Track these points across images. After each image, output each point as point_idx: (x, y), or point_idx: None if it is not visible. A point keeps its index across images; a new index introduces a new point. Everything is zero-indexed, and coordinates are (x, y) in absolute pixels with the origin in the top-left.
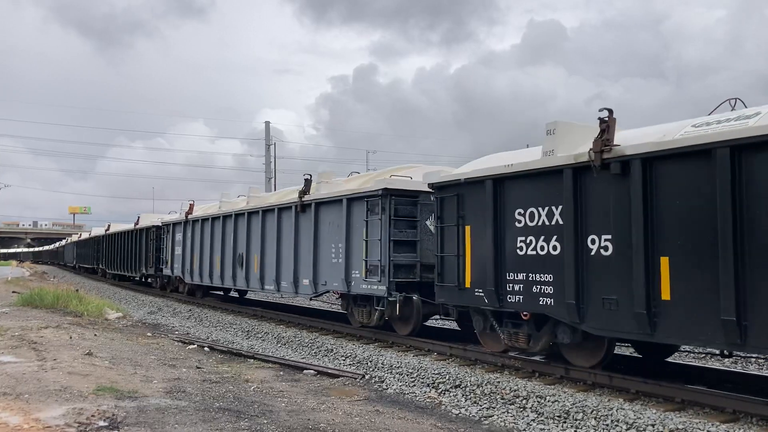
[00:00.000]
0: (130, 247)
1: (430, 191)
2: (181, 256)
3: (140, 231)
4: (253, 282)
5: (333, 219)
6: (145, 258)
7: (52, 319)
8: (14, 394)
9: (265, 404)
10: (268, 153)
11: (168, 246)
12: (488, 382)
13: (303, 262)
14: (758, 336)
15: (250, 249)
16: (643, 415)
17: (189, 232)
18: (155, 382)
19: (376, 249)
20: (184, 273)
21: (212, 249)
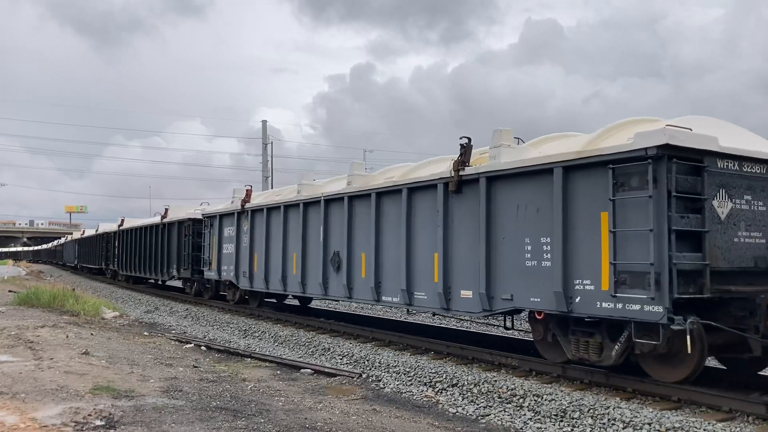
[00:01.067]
0: (155, 245)
1: (727, 153)
2: (234, 255)
3: (169, 226)
4: (360, 290)
5: (528, 200)
6: (177, 258)
7: (49, 318)
8: (10, 393)
9: (262, 403)
10: (265, 152)
11: (212, 243)
12: (485, 381)
13: (459, 264)
14: None
15: (353, 245)
16: (640, 413)
17: (246, 224)
18: (152, 382)
19: (640, 246)
20: (238, 276)
21: (285, 246)
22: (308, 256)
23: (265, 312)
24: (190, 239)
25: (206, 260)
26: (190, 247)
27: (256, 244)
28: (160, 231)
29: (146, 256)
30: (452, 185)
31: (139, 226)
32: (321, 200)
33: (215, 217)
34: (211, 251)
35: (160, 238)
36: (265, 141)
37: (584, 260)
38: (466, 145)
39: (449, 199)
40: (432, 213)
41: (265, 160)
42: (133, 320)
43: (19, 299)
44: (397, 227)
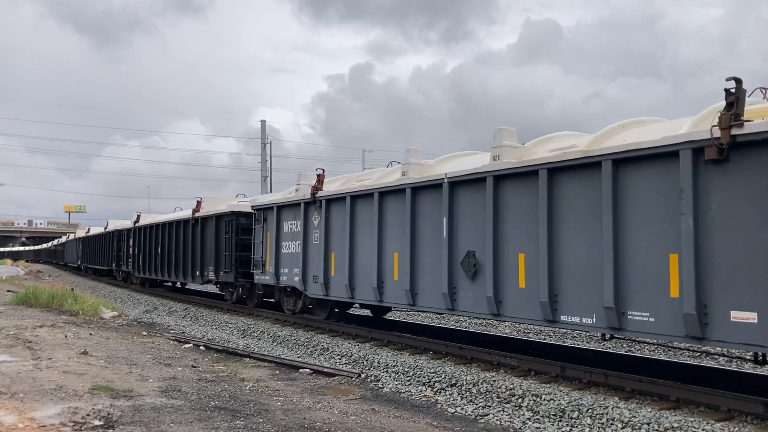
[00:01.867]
0: (184, 244)
1: None
2: (300, 255)
3: (204, 221)
4: (516, 305)
5: None
6: (215, 258)
7: (48, 318)
8: (9, 393)
9: (261, 403)
10: (264, 152)
11: (266, 241)
12: (484, 381)
13: (725, 268)
14: None
15: (502, 243)
16: (639, 413)
17: (318, 217)
18: (151, 381)
19: None
20: (306, 282)
21: (381, 245)
22: (419, 257)
23: (264, 312)
24: (233, 236)
25: (258, 261)
26: (234, 245)
27: (334, 242)
28: (191, 227)
29: (171, 256)
30: (712, 151)
31: (162, 222)
32: (444, 183)
33: (270, 210)
34: (264, 251)
35: (191, 236)
36: (264, 141)
37: None
38: (736, 90)
39: (703, 173)
40: (664, 195)
41: (264, 159)
42: (131, 320)
43: (17, 299)
44: (588, 217)
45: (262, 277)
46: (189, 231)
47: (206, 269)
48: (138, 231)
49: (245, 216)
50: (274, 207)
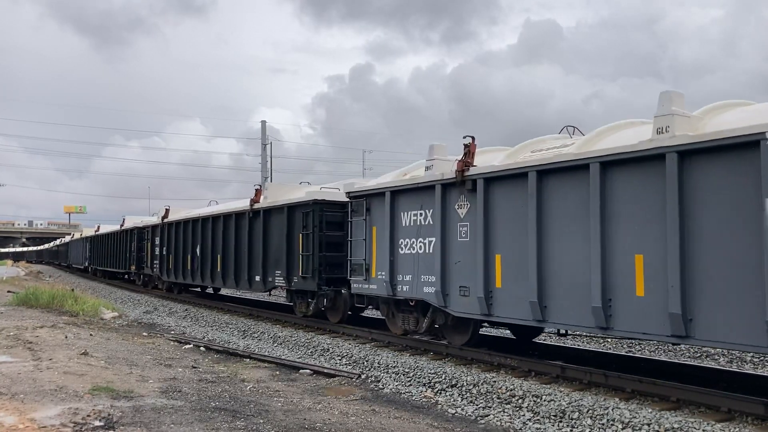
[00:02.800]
0: (237, 243)
1: None
2: (437, 258)
3: (268, 213)
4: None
5: None
6: (286, 260)
7: (48, 318)
8: (9, 394)
9: (261, 404)
10: (264, 152)
11: (374, 238)
12: (484, 382)
13: None
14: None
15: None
16: (639, 414)
17: (468, 205)
18: (151, 382)
19: None
20: (446, 294)
21: (608, 246)
22: (696, 262)
23: (264, 313)
24: (314, 232)
25: (357, 265)
26: (316, 244)
27: (500, 239)
28: (247, 221)
29: (217, 257)
30: None
31: (203, 217)
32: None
33: (378, 197)
34: (368, 251)
35: (247, 232)
36: (265, 141)
37: None
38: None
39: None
40: None
41: (264, 160)
42: (132, 321)
43: (17, 300)
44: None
45: (366, 285)
46: (244, 226)
47: (271, 274)
48: (167, 228)
49: (332, 206)
50: (385, 193)
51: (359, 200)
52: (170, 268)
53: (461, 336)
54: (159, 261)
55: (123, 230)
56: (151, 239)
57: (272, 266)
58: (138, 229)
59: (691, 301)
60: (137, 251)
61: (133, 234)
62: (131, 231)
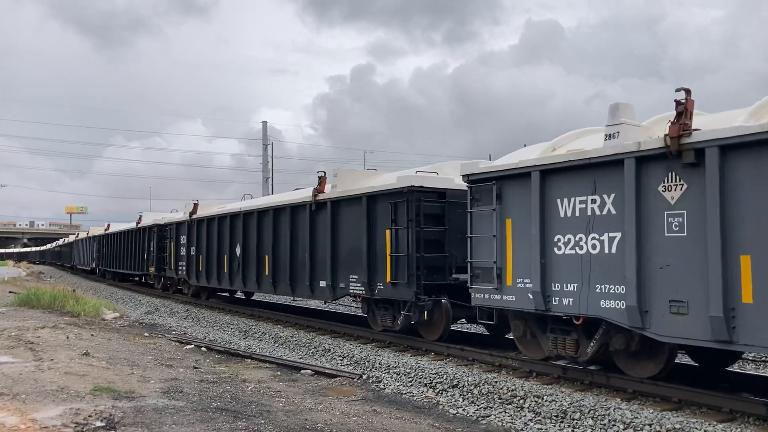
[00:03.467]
0: (292, 241)
1: None
2: (631, 260)
3: (338, 205)
4: None
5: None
6: (367, 262)
7: (49, 319)
8: (11, 394)
9: (263, 404)
10: (266, 153)
11: (509, 234)
12: (486, 382)
13: None
14: None
15: None
16: (641, 414)
17: (680, 187)
18: (152, 383)
19: None
20: (645, 314)
21: None
22: None
23: (265, 313)
24: (411, 228)
25: (484, 269)
26: (411, 242)
27: (747, 236)
28: (307, 215)
29: (264, 258)
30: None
31: (247, 211)
32: None
33: (519, 180)
34: (497, 251)
35: (308, 229)
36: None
37: None
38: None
39: None
40: None
41: (266, 161)
42: (133, 321)
43: (19, 300)
44: None
45: (497, 296)
46: (304, 221)
47: (343, 279)
48: (197, 225)
49: (429, 195)
50: (531, 174)
51: (484, 185)
52: (200, 271)
53: (648, 365)
54: (186, 262)
55: (140, 228)
56: (175, 238)
57: (344, 269)
58: (159, 226)
59: None
60: (157, 251)
61: (152, 232)
62: (150, 229)
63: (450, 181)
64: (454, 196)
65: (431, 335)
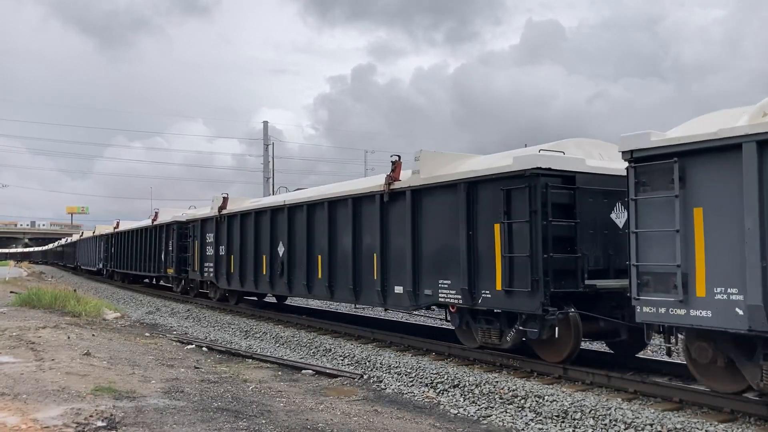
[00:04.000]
0: (368, 237)
1: None
2: None
3: (435, 193)
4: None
5: None
6: (493, 266)
7: (50, 319)
8: (12, 394)
9: (264, 404)
10: (266, 153)
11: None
12: (486, 382)
13: None
14: None
15: None
16: (641, 414)
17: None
18: (153, 383)
19: None
20: None
21: None
22: None
23: (266, 313)
24: (536, 221)
25: (656, 274)
26: (537, 239)
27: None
28: (379, 209)
29: (316, 260)
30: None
31: (293, 204)
32: None
33: (715, 155)
34: (679, 250)
35: (378, 224)
36: (266, 142)
37: None
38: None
39: None
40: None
41: (266, 161)
42: (134, 321)
43: (20, 300)
44: None
45: (681, 311)
46: (373, 215)
47: (429, 284)
48: (228, 221)
49: (555, 179)
50: (743, 145)
51: (658, 164)
52: (231, 273)
53: None
54: (213, 263)
55: (157, 226)
56: (200, 236)
57: (431, 273)
58: (179, 223)
59: None
60: (177, 251)
61: (171, 230)
62: (168, 227)
63: (580, 163)
64: (584, 181)
65: (553, 356)
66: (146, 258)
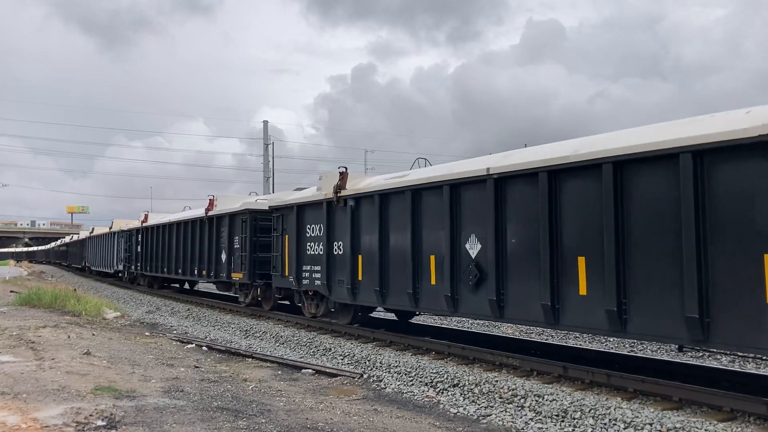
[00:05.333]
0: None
1: None
2: None
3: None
4: None
5: None
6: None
7: (50, 318)
8: (12, 393)
9: (264, 403)
10: (266, 152)
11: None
12: (486, 381)
13: None
14: None
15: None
16: (641, 413)
17: None
18: (153, 382)
19: None
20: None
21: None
22: None
23: (267, 312)
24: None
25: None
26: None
27: None
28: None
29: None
30: None
31: (512, 171)
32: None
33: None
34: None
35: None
36: (266, 141)
37: None
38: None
39: None
40: None
41: (266, 160)
42: (134, 320)
43: (20, 300)
44: None
45: None
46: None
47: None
48: (350, 206)
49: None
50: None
51: None
52: (359, 282)
53: None
54: (325, 266)
55: (214, 217)
56: (296, 229)
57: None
58: (255, 212)
59: None
60: (251, 249)
61: (240, 222)
62: (235, 217)
63: None
64: None
65: None
66: (193, 259)
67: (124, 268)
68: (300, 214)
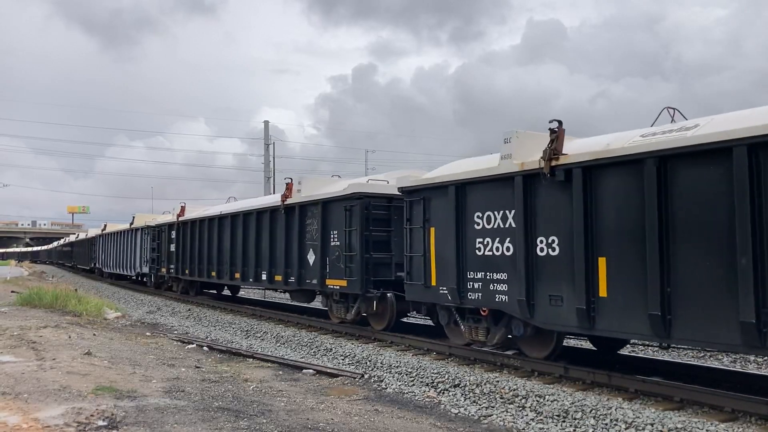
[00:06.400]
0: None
1: None
2: None
3: None
4: None
5: None
6: None
7: (51, 318)
8: (13, 393)
9: (264, 404)
10: (267, 152)
11: None
12: (487, 382)
13: None
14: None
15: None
16: (642, 414)
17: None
18: (154, 382)
19: None
20: None
21: None
22: None
23: (267, 312)
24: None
25: None
26: None
27: None
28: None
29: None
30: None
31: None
32: None
33: None
34: None
35: None
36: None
37: None
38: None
39: None
40: None
41: (267, 160)
42: (135, 321)
43: (21, 300)
44: None
45: None
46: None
47: None
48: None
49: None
50: None
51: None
52: (599, 299)
53: None
54: (522, 273)
55: (300, 204)
56: (455, 218)
57: None
58: (367, 198)
59: None
60: (360, 249)
61: (350, 211)
62: (341, 202)
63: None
64: None
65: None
66: (259, 261)
67: (150, 270)
68: (461, 197)
